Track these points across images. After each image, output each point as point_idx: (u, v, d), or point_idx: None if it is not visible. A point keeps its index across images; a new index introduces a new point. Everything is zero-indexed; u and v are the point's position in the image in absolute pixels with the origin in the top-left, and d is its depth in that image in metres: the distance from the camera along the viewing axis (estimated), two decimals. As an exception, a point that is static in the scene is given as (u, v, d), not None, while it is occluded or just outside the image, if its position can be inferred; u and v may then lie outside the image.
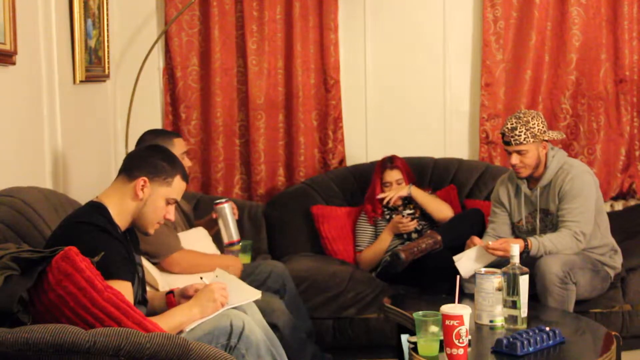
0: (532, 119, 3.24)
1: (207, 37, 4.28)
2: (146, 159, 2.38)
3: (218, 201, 3.39)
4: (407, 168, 3.92)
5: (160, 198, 2.36)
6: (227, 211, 3.36)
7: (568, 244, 3.17)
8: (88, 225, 2.21)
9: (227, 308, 2.36)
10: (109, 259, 2.11)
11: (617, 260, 3.43)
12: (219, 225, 3.38)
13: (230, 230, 3.37)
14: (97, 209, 2.30)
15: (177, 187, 2.40)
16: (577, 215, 3.20)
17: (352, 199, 4.15)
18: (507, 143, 3.26)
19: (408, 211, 3.81)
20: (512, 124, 3.24)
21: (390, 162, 3.89)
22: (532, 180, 3.37)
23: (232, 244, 3.38)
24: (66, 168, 3.34)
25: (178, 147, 3.24)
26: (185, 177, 2.44)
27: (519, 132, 3.22)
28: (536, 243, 3.14)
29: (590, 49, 4.28)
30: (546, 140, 3.28)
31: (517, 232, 3.44)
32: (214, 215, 3.40)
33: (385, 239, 3.78)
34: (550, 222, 3.29)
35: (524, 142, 3.22)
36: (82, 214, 2.29)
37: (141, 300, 2.41)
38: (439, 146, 4.41)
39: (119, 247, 2.23)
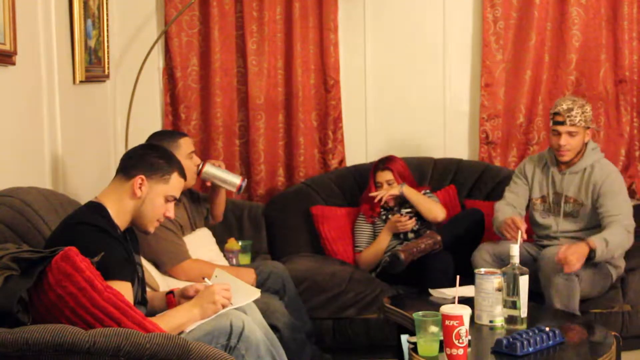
0: (586, 104, 3.34)
1: (207, 38, 4.27)
2: (143, 157, 2.38)
3: (199, 169, 3.29)
4: (400, 169, 3.88)
5: (158, 196, 2.36)
6: (212, 170, 3.30)
7: (624, 240, 3.20)
8: (87, 225, 2.21)
9: (228, 309, 2.35)
10: (109, 260, 2.11)
11: (620, 261, 3.43)
12: (216, 188, 3.36)
13: (228, 181, 3.33)
14: (96, 209, 2.30)
15: (175, 184, 2.40)
16: (624, 209, 3.26)
17: (352, 199, 4.14)
18: (561, 123, 3.29)
19: (405, 210, 3.81)
20: (569, 105, 3.30)
21: (382, 163, 3.89)
22: (561, 163, 3.41)
23: (240, 189, 3.34)
24: (66, 168, 3.34)
25: (185, 147, 3.20)
26: (183, 174, 2.44)
27: (576, 113, 3.27)
28: (602, 245, 3.10)
29: (590, 49, 4.28)
30: (589, 129, 3.36)
31: (531, 208, 3.46)
32: (208, 184, 3.36)
33: (384, 239, 3.78)
34: (569, 209, 3.33)
35: (578, 124, 3.28)
36: (82, 215, 2.29)
37: (141, 300, 2.41)
38: (439, 146, 4.41)
39: (119, 248, 2.23)
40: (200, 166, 3.28)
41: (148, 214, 2.36)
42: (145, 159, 2.37)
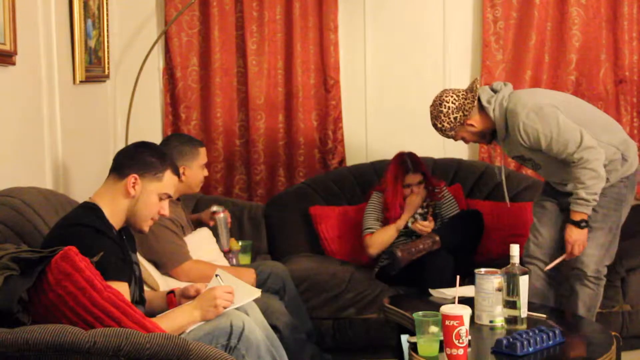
0: (438, 111, 3.09)
1: (207, 38, 4.28)
2: (135, 156, 2.38)
3: (216, 210, 3.47)
4: (423, 164, 3.82)
5: (152, 194, 2.35)
6: (223, 222, 3.46)
7: (588, 178, 2.94)
8: (83, 227, 2.20)
9: (229, 309, 2.35)
10: (105, 261, 2.10)
11: (631, 165, 3.13)
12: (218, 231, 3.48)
13: (222, 238, 3.46)
14: (91, 210, 2.30)
15: (168, 182, 2.39)
16: (560, 146, 2.98)
17: (352, 199, 4.14)
18: (446, 137, 3.19)
19: (420, 210, 3.79)
20: (433, 122, 3.14)
21: (412, 165, 3.74)
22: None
23: (225, 253, 3.45)
24: (66, 168, 3.35)
25: (203, 156, 3.29)
26: (176, 172, 2.43)
27: (441, 126, 3.10)
28: (581, 207, 2.95)
29: (590, 49, 4.28)
30: (467, 123, 3.11)
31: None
32: (211, 223, 3.48)
33: (400, 223, 3.71)
34: (532, 164, 3.17)
35: (450, 132, 3.12)
36: (77, 216, 2.28)
37: (139, 299, 2.40)
38: (439, 146, 4.41)
39: (115, 248, 2.22)
40: (221, 211, 3.47)
41: (142, 213, 2.35)
42: (138, 158, 2.36)
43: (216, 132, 4.32)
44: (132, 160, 2.36)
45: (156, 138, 4.14)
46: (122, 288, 2.17)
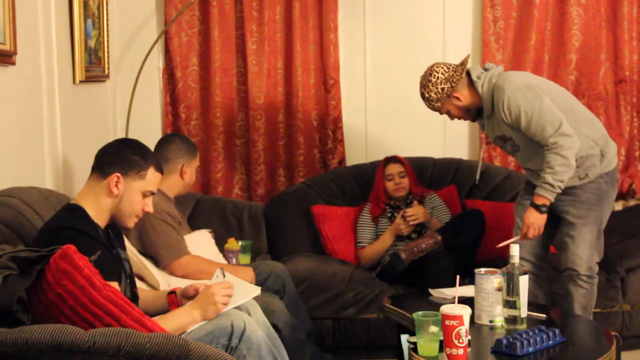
0: (428, 85, 3.14)
1: (207, 37, 4.28)
2: (117, 154, 2.36)
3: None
4: (408, 164, 3.94)
5: (136, 192, 2.35)
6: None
7: (559, 165, 2.96)
8: (69, 230, 2.18)
9: (228, 307, 2.35)
10: (93, 263, 2.09)
11: (610, 162, 3.17)
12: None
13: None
14: (75, 211, 2.29)
15: (151, 179, 2.38)
16: (538, 127, 2.99)
17: (352, 199, 4.15)
18: (433, 109, 3.21)
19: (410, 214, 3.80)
20: (421, 92, 3.18)
21: (392, 157, 3.94)
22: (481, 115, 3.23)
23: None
24: (66, 168, 3.35)
25: (198, 158, 3.39)
26: (159, 168, 2.42)
27: (428, 96, 3.13)
28: (545, 192, 2.98)
29: (590, 49, 4.28)
30: (454, 96, 3.13)
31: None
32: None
33: (386, 240, 3.78)
34: (512, 145, 3.17)
35: (437, 103, 3.15)
36: (62, 219, 2.27)
37: (131, 296, 2.39)
38: (439, 146, 4.41)
39: (101, 249, 2.21)
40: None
41: (126, 211, 2.35)
42: (120, 156, 2.35)
43: (216, 132, 4.32)
44: (114, 158, 2.34)
45: (156, 138, 4.11)
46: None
